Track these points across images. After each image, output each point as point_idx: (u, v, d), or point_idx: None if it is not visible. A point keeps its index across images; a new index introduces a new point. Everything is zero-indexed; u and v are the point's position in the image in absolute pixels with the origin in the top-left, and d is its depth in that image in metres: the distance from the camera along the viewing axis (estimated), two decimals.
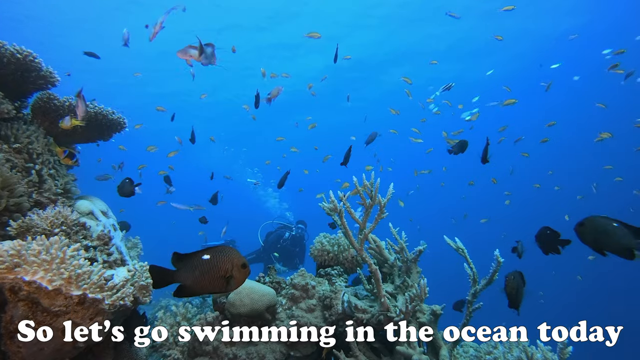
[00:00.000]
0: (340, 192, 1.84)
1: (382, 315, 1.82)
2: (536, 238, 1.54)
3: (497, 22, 8.79)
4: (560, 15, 8.93)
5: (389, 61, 10.48)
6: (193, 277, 0.97)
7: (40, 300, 1.14)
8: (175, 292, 0.98)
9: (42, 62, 1.94)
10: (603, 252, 1.18)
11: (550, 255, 1.56)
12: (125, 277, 1.45)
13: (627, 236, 1.12)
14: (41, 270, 1.13)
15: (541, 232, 1.55)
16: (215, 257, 0.98)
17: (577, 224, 1.21)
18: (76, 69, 6.11)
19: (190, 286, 0.98)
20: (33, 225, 1.47)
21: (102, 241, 1.68)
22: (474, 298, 1.73)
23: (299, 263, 5.16)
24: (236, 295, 1.88)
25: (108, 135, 2.34)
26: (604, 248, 1.17)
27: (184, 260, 0.98)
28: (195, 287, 0.98)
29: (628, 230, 1.11)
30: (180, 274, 0.98)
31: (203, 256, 0.97)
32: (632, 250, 1.11)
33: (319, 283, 2.13)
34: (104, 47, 5.64)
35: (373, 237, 2.16)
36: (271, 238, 5.36)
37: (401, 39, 9.66)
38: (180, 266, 0.98)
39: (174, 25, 5.60)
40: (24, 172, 1.75)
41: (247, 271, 1.00)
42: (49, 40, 8.75)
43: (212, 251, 0.98)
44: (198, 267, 0.97)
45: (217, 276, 0.97)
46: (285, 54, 10.08)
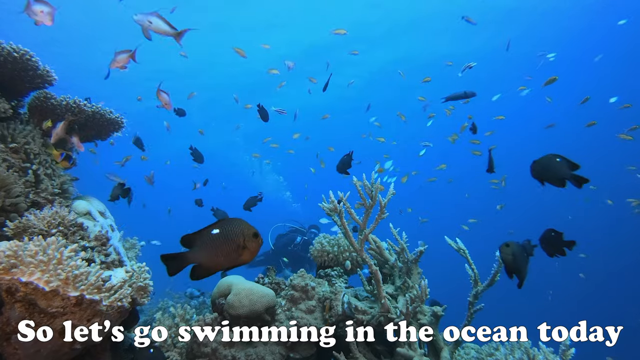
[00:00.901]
0: (339, 192, 1.84)
1: (382, 317, 1.82)
2: (540, 241, 1.53)
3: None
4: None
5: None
6: (207, 254, 0.94)
7: (37, 302, 1.13)
8: (191, 273, 0.95)
9: (39, 61, 1.93)
10: (542, 182, 1.36)
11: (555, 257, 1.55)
12: (123, 278, 1.45)
13: (565, 168, 1.29)
14: (38, 271, 1.13)
15: (545, 235, 1.52)
16: (225, 229, 0.94)
17: (532, 162, 1.37)
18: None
19: (205, 264, 0.95)
20: (30, 225, 1.47)
21: (99, 242, 1.68)
22: (475, 299, 1.73)
23: (309, 270, 5.10)
24: (235, 296, 1.88)
25: (106, 135, 2.34)
26: (546, 179, 1.34)
27: (193, 239, 0.95)
28: (210, 264, 0.95)
29: (567, 164, 1.28)
30: (193, 254, 0.95)
31: (212, 231, 0.94)
32: (564, 180, 1.29)
33: (319, 284, 2.12)
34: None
35: (373, 238, 2.15)
36: (282, 241, 5.17)
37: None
38: (192, 246, 0.95)
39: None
40: (21, 172, 1.74)
41: (259, 240, 0.97)
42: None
43: (220, 225, 0.95)
44: (210, 243, 0.94)
45: (230, 249, 0.94)
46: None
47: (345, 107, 12.25)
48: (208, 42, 8.84)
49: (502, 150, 6.67)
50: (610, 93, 6.68)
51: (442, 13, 8.57)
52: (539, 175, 1.37)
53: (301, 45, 9.72)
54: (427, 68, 7.90)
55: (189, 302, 3.48)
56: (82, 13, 7.59)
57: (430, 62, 9.62)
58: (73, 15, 7.52)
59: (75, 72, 8.57)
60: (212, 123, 12.76)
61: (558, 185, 1.31)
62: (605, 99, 6.57)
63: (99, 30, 8.09)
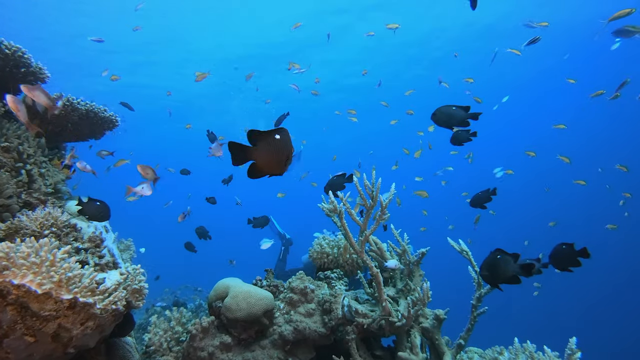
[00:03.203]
0: (339, 193, 1.84)
1: (383, 320, 1.82)
2: (551, 258, 1.53)
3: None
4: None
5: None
6: (267, 155, 1.00)
7: (29, 305, 1.13)
8: (248, 170, 1.02)
9: (32, 58, 1.93)
10: (452, 127, 1.65)
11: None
12: (118, 281, 1.45)
13: (462, 113, 1.60)
14: (30, 274, 1.13)
15: (556, 250, 1.51)
16: (284, 138, 1.01)
17: (431, 115, 1.65)
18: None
19: (260, 165, 1.02)
20: (22, 226, 1.47)
21: (93, 243, 1.68)
22: (478, 302, 1.73)
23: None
24: (232, 299, 1.87)
25: (100, 134, 2.34)
26: (452, 124, 1.63)
27: (258, 138, 1.00)
28: (265, 166, 1.02)
29: (462, 110, 1.60)
30: (255, 151, 1.00)
31: (275, 135, 1.00)
32: (466, 120, 1.60)
33: (318, 287, 2.12)
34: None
35: (374, 239, 2.15)
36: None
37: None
38: (255, 144, 1.00)
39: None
40: (14, 172, 1.74)
41: (291, 161, 1.05)
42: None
43: (280, 132, 1.01)
44: (272, 145, 1.00)
45: (281, 158, 1.01)
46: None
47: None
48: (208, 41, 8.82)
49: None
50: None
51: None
52: (444, 123, 1.64)
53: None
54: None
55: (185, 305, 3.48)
56: (58, 10, 7.62)
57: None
58: (52, 12, 7.57)
59: (57, 68, 8.57)
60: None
61: (461, 126, 1.63)
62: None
63: (79, 26, 8.09)
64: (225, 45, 9.43)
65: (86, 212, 1.70)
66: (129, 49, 9.11)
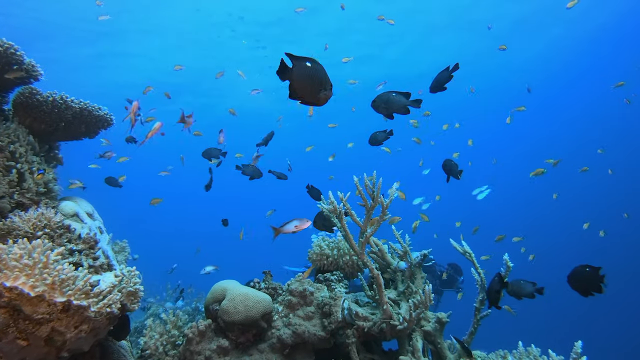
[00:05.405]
0: (339, 193, 1.83)
1: (384, 323, 1.81)
2: (570, 280, 1.47)
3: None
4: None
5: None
6: (299, 77, 1.09)
7: (22, 307, 1.13)
8: (289, 89, 1.11)
9: (24, 55, 1.92)
10: (392, 115, 1.66)
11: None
12: (112, 283, 1.44)
13: (402, 99, 1.62)
14: (23, 276, 1.12)
15: (578, 272, 1.45)
16: (314, 66, 1.09)
17: (371, 103, 1.66)
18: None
19: (295, 86, 1.11)
20: (14, 227, 1.46)
21: (87, 245, 1.67)
22: (482, 305, 1.73)
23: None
24: (230, 302, 1.87)
25: (94, 133, 2.33)
26: (392, 111, 1.64)
27: (293, 59, 1.09)
28: (298, 88, 1.11)
29: (403, 96, 1.62)
30: (292, 71, 1.10)
31: (306, 62, 1.09)
32: (407, 107, 1.62)
33: (318, 289, 2.12)
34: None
35: (375, 241, 2.15)
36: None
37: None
38: (293, 64, 1.10)
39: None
40: (5, 171, 1.73)
41: (330, 94, 1.13)
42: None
43: (312, 61, 1.09)
44: (304, 69, 1.09)
45: (315, 85, 1.10)
46: None
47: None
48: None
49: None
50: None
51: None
52: (386, 111, 1.66)
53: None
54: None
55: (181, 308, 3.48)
56: (49, 6, 7.61)
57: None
58: (44, 8, 7.57)
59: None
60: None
61: (402, 113, 1.64)
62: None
63: (69, 24, 8.08)
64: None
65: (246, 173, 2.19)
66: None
